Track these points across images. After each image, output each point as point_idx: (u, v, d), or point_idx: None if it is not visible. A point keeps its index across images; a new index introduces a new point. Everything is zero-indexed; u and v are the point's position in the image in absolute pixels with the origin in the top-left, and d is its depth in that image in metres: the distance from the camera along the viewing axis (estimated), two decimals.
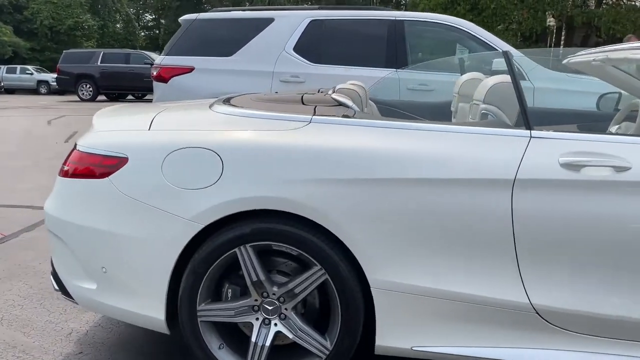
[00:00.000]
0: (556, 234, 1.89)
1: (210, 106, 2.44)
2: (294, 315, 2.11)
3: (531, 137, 1.96)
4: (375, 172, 1.96)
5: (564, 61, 3.28)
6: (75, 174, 2.23)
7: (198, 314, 2.12)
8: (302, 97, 2.41)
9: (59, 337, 2.60)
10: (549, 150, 1.93)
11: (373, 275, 1.99)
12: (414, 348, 2.04)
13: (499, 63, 4.44)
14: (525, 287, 1.94)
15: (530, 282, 1.93)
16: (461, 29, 4.93)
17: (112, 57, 20.66)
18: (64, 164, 2.35)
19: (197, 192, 2.04)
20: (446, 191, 1.93)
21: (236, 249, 2.06)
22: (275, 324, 2.12)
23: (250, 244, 2.05)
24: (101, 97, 20.20)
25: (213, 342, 2.16)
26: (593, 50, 3.00)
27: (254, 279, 2.08)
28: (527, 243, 1.90)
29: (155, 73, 5.43)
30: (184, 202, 2.05)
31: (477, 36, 4.87)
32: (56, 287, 2.42)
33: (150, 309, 2.16)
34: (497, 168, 1.92)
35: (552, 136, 1.96)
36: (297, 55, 5.09)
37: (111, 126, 2.35)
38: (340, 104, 2.35)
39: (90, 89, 20.52)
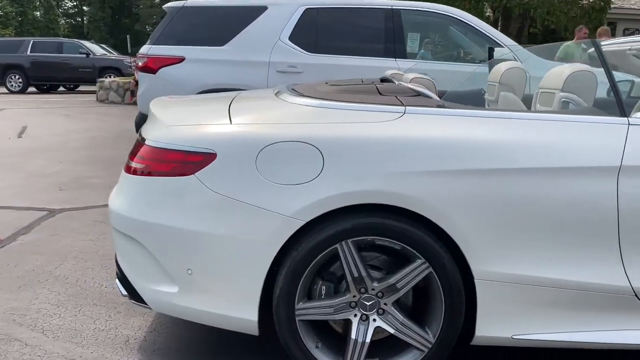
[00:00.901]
0: None
1: (280, 96, 2.36)
2: (395, 310, 2.08)
3: (629, 124, 2.02)
4: (483, 163, 1.96)
5: (590, 50, 3.40)
6: (153, 172, 2.09)
7: (296, 313, 2.05)
8: (377, 87, 2.36)
9: (117, 345, 2.44)
10: None
11: (477, 267, 2.00)
12: (513, 336, 2.07)
13: (500, 52, 4.55)
14: (626, 272, 2.00)
15: (631, 266, 2.00)
16: (458, 19, 5.01)
17: (43, 46, 19.42)
18: (131, 160, 2.20)
19: (298, 188, 1.96)
20: (553, 180, 1.96)
21: (337, 245, 2.00)
22: (374, 320, 2.09)
23: (352, 239, 2.00)
24: (31, 89, 19.04)
25: (310, 342, 2.10)
26: (617, 40, 3.13)
27: (355, 274, 2.04)
28: (630, 229, 1.97)
29: (141, 63, 5.18)
30: (284, 198, 1.97)
31: (475, 26, 4.97)
32: (124, 292, 2.27)
33: (241, 310, 2.07)
34: (602, 155, 1.97)
35: None
36: (293, 44, 4.99)
37: (184, 120, 2.22)
38: (420, 94, 2.33)
39: (20, 80, 19.23)
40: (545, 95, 2.41)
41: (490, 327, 2.06)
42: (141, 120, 5.19)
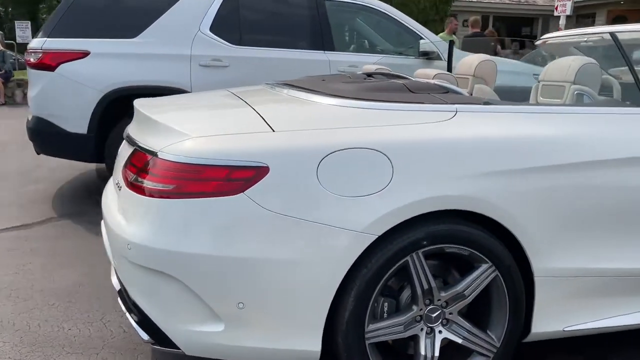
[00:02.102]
0: None
1: (297, 95, 2.16)
2: (460, 319, 1.99)
3: None
4: (545, 160, 1.94)
5: (538, 42, 3.57)
6: (187, 193, 1.76)
7: (366, 336, 1.87)
8: (405, 84, 2.23)
9: None
10: None
11: (537, 265, 1.98)
12: (565, 329, 2.10)
13: (425, 44, 4.64)
14: None
15: None
16: (383, 12, 5.01)
17: None
18: (141, 177, 1.84)
19: (367, 199, 1.78)
20: (609, 171, 2.00)
21: (408, 257, 1.85)
22: (440, 331, 1.98)
23: (422, 250, 1.86)
24: None
25: None
26: (571, 32, 3.32)
27: (425, 287, 1.91)
28: None
29: (34, 59, 4.45)
30: (352, 212, 1.77)
31: (399, 20, 5.00)
32: (146, 337, 1.91)
33: (302, 342, 1.84)
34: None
35: None
36: (215, 36, 4.62)
37: (211, 129, 1.90)
38: (448, 90, 2.24)
39: None
40: (553, 87, 2.46)
41: (544, 323, 2.07)
42: (37, 125, 4.49)
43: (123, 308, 2.04)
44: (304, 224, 1.76)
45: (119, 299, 2.09)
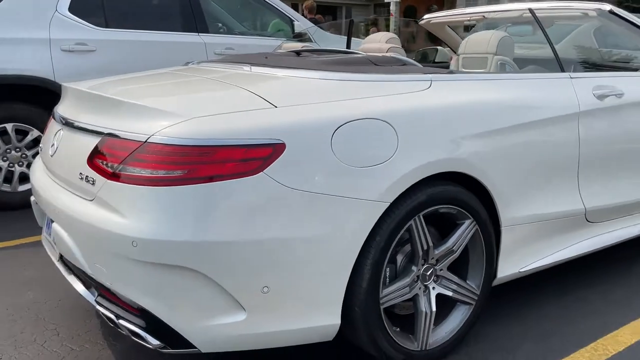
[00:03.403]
0: (600, 148, 2.51)
1: (261, 70, 2.15)
2: (449, 273, 2.13)
3: (571, 78, 2.49)
4: (509, 120, 2.17)
5: (422, 22, 3.88)
6: (198, 178, 1.62)
7: (381, 301, 1.92)
8: (368, 58, 2.28)
9: None
10: (585, 87, 2.50)
11: (504, 215, 2.21)
12: (520, 270, 2.38)
13: (299, 26, 4.74)
14: (582, 197, 2.51)
15: (584, 191, 2.51)
16: None
17: None
18: (141, 167, 1.65)
19: (379, 168, 1.82)
20: (548, 129, 2.30)
21: (411, 221, 1.94)
22: (433, 288, 2.11)
23: (423, 212, 1.96)
24: None
25: (390, 328, 1.98)
26: (450, 12, 3.70)
27: (425, 247, 2.01)
28: (584, 161, 2.46)
29: None
30: (368, 182, 1.80)
31: (270, 3, 4.98)
32: (156, 342, 1.72)
33: (324, 316, 1.82)
34: (572, 104, 2.39)
35: (580, 76, 2.53)
36: (76, 17, 4.13)
37: (209, 108, 1.76)
38: (405, 62, 2.35)
39: None
40: (475, 59, 2.72)
41: (506, 267, 2.32)
42: None
43: (111, 316, 1.79)
44: (324, 198, 1.73)
45: (101, 308, 1.83)
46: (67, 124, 2.07)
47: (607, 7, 2.83)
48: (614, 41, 4.43)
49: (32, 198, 2.34)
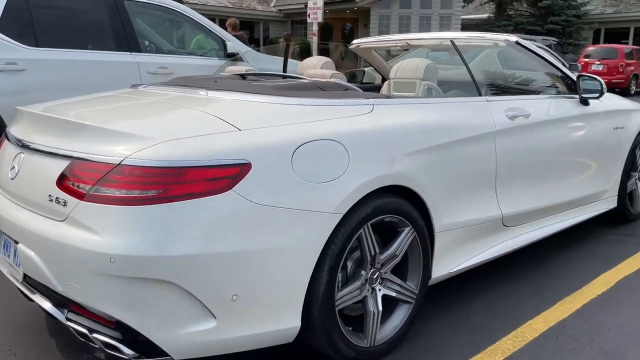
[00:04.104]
0: (513, 161, 2.87)
1: (220, 94, 2.32)
2: (393, 276, 2.38)
3: (487, 101, 2.85)
4: (441, 138, 2.47)
5: (352, 47, 4.18)
6: (173, 196, 1.77)
7: (336, 304, 2.12)
8: (314, 83, 2.50)
9: None
10: (499, 109, 2.86)
11: (437, 222, 2.50)
12: (450, 271, 2.68)
13: (232, 46, 4.91)
14: (499, 204, 2.85)
15: (501, 199, 2.86)
16: (181, 13, 5.04)
17: None
18: (114, 188, 1.77)
19: (333, 183, 2.04)
20: (469, 146, 2.62)
21: (361, 230, 2.17)
22: (380, 289, 2.34)
23: (370, 222, 2.20)
24: None
25: (343, 328, 2.19)
26: (379, 38, 4.03)
27: (372, 253, 2.25)
28: (500, 173, 2.81)
29: None
30: (324, 196, 2.01)
31: (197, 20, 5.09)
32: (131, 352, 1.83)
33: (285, 320, 2.01)
34: (489, 123, 2.74)
35: (495, 100, 2.89)
36: (5, 37, 4.07)
37: (174, 132, 1.90)
38: (347, 87, 2.59)
39: None
40: (405, 84, 3.02)
41: (439, 268, 2.61)
42: None
43: (84, 331, 1.87)
44: (287, 211, 1.93)
45: (72, 324, 1.90)
46: (27, 147, 2.13)
47: (514, 38, 3.24)
48: (516, 64, 4.96)
49: None
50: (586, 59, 17.37)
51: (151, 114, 2.27)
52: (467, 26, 24.71)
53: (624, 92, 16.75)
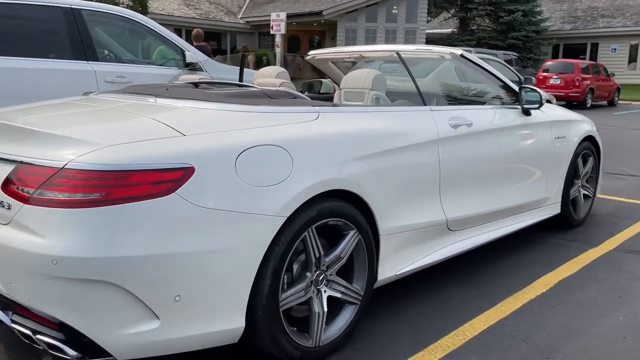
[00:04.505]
0: (456, 168, 3.00)
1: (168, 102, 2.38)
2: (338, 278, 2.46)
3: (432, 110, 2.97)
4: (384, 145, 2.57)
5: (308, 57, 4.28)
6: (117, 199, 1.82)
7: (280, 304, 2.19)
8: (262, 91, 2.58)
9: None
10: (443, 118, 2.99)
11: (382, 226, 2.60)
12: (396, 273, 2.77)
13: (191, 56, 4.97)
14: (443, 209, 2.97)
15: (445, 204, 2.98)
16: (139, 22, 5.06)
17: None
18: (58, 192, 1.81)
19: (277, 187, 2.11)
20: (413, 152, 2.73)
21: (305, 232, 2.25)
22: (325, 291, 2.42)
23: (315, 225, 2.28)
24: None
25: (288, 328, 2.26)
26: (334, 49, 4.14)
27: (317, 255, 2.32)
28: (444, 179, 2.93)
29: None
30: (267, 200, 2.09)
31: (156, 30, 5.13)
32: (74, 353, 1.86)
33: (230, 321, 2.07)
34: (433, 132, 2.86)
35: (439, 109, 3.02)
36: None
37: (119, 137, 1.95)
38: (296, 96, 2.68)
39: None
40: (353, 93, 3.12)
41: (385, 271, 2.70)
42: None
43: (28, 333, 1.90)
44: (230, 214, 1.99)
45: (17, 326, 1.92)
46: None
47: (459, 52, 3.39)
48: (471, 77, 5.13)
49: None
50: (545, 73, 17.89)
51: (99, 120, 2.31)
52: (431, 40, 25.26)
53: (580, 105, 17.35)
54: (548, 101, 10.69)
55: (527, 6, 25.16)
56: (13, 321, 1.95)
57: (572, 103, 17.47)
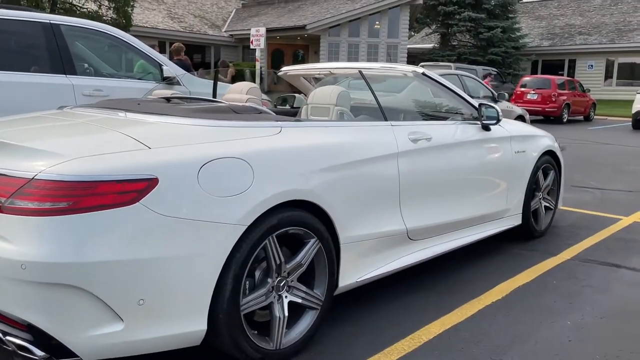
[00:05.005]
0: (416, 180, 3.16)
1: (137, 116, 2.51)
2: (299, 284, 2.59)
3: (392, 125, 3.14)
4: (344, 158, 2.72)
5: (280, 73, 4.44)
6: (83, 208, 1.94)
7: (241, 308, 2.32)
8: (229, 107, 2.72)
9: None
10: (402, 133, 3.15)
11: (342, 235, 2.74)
12: (357, 280, 2.91)
13: (168, 70, 5.11)
14: (403, 219, 3.13)
15: (405, 215, 3.13)
16: (117, 37, 5.19)
17: None
18: (27, 200, 1.93)
19: (237, 197, 2.25)
20: (373, 164, 2.89)
21: (266, 240, 2.38)
22: (286, 296, 2.55)
23: (275, 233, 2.41)
24: None
25: (249, 331, 2.38)
26: (305, 66, 4.31)
27: (277, 262, 2.46)
28: (405, 191, 3.09)
29: None
30: (228, 209, 2.22)
31: (130, 43, 5.25)
32: (41, 354, 1.97)
33: (192, 324, 2.19)
34: (392, 145, 3.02)
35: (399, 124, 3.19)
36: None
37: (86, 149, 2.08)
38: (261, 111, 2.82)
39: None
40: (319, 108, 3.28)
41: (346, 278, 2.84)
42: None
43: None
44: (192, 223, 2.12)
45: None
46: None
47: (420, 70, 3.57)
48: (435, 93, 5.32)
49: None
50: (522, 89, 18.29)
51: (69, 133, 2.43)
52: (413, 55, 25.66)
53: (556, 120, 17.75)
54: (521, 116, 10.96)
55: (507, 23, 25.73)
56: None
57: (549, 118, 17.87)
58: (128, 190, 2.01)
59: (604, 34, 27.36)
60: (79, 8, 17.44)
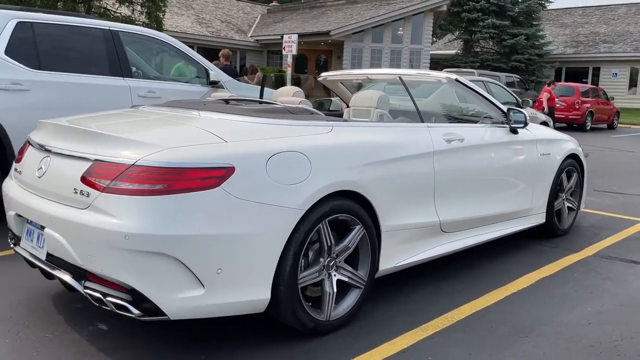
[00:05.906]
0: (449, 177, 3.48)
1: (212, 114, 2.87)
2: (346, 264, 2.93)
3: (428, 127, 3.47)
4: (388, 155, 3.05)
5: (320, 79, 4.80)
6: (177, 190, 2.31)
7: (299, 281, 2.66)
8: (285, 107, 3.09)
9: None
10: (438, 134, 3.48)
11: (384, 223, 3.08)
12: (395, 265, 3.25)
13: (214, 75, 5.49)
14: (437, 212, 3.45)
15: (439, 208, 3.45)
16: (167, 43, 5.61)
17: None
18: (130, 183, 2.30)
19: (298, 185, 2.60)
20: (411, 161, 3.22)
21: (320, 224, 2.73)
22: (334, 275, 2.89)
23: (327, 218, 2.76)
24: None
25: (304, 303, 2.72)
26: (344, 72, 4.66)
27: (329, 244, 2.80)
28: (439, 188, 3.42)
29: None
30: (291, 195, 2.57)
31: (181, 50, 5.67)
32: (138, 312, 2.33)
33: (258, 292, 2.54)
34: (429, 145, 3.35)
35: (434, 126, 3.52)
36: (11, 60, 4.57)
37: (178, 140, 2.45)
38: (312, 112, 3.18)
39: None
40: (361, 111, 3.63)
41: (386, 262, 3.17)
42: None
43: (99, 296, 2.37)
44: (262, 205, 2.48)
45: (89, 291, 2.40)
46: (52, 151, 2.64)
47: (454, 76, 3.90)
48: (468, 98, 5.62)
49: (11, 212, 2.83)
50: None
51: (154, 127, 2.81)
52: (436, 61, 25.89)
53: (580, 127, 17.85)
54: (545, 122, 11.16)
55: (531, 30, 25.85)
56: (86, 287, 2.43)
57: (572, 125, 17.99)
58: (211, 176, 2.37)
59: (628, 42, 27.30)
60: (112, 12, 18.01)
